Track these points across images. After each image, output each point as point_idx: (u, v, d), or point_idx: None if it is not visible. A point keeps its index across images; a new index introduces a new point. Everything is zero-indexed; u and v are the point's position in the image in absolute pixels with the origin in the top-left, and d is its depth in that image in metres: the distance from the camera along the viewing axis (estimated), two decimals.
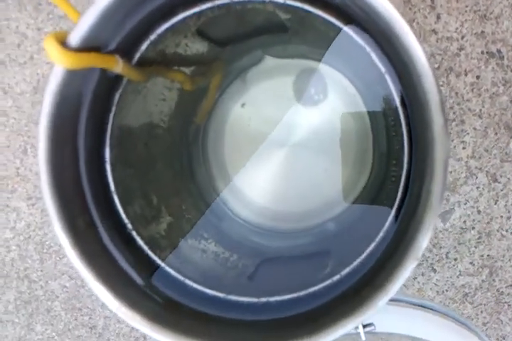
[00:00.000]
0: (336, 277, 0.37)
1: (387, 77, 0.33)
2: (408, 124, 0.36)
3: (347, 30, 0.33)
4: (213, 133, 0.54)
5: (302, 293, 0.37)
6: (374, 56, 0.34)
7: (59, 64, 0.29)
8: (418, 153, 0.34)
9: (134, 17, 0.32)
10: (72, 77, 0.30)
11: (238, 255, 0.47)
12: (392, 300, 0.43)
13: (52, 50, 0.29)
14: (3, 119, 0.68)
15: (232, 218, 0.55)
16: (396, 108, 0.36)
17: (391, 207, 0.37)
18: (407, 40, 0.28)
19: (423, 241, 0.29)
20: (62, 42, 0.29)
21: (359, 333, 0.34)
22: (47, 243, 0.71)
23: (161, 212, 0.44)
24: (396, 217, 0.36)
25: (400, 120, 0.36)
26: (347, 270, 0.37)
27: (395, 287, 0.30)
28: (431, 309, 0.44)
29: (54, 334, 0.75)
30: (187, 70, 0.45)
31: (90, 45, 0.30)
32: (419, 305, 0.43)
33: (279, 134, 0.54)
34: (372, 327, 0.34)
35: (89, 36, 0.30)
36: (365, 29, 0.33)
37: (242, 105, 0.54)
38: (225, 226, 0.53)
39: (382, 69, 0.33)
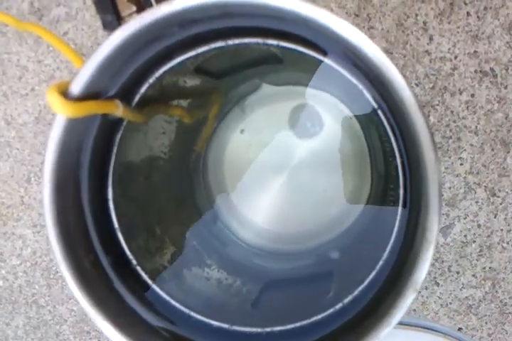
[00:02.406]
0: (339, 305, 0.38)
1: (380, 113, 0.34)
2: (401, 154, 0.37)
3: (342, 71, 0.34)
4: (213, 160, 0.55)
5: (305, 322, 0.38)
6: (366, 92, 0.35)
7: (61, 114, 0.30)
8: (412, 185, 0.35)
9: (132, 64, 0.33)
10: (74, 125, 0.31)
11: (241, 280, 0.48)
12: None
13: (54, 101, 0.30)
14: (7, 150, 0.69)
15: (235, 242, 0.56)
16: (389, 139, 0.37)
17: (390, 234, 0.38)
18: (396, 81, 0.29)
19: (421, 275, 0.30)
20: (64, 93, 0.31)
21: None
22: (53, 269, 0.72)
23: (164, 242, 0.45)
24: (395, 246, 0.37)
25: (393, 149, 0.37)
26: (349, 298, 0.38)
27: (395, 319, 0.31)
28: (432, 329, 0.45)
29: None
30: (185, 103, 0.46)
31: (91, 93, 0.31)
32: (420, 327, 0.44)
33: (278, 158, 0.55)
34: None
35: (89, 85, 0.31)
36: (356, 67, 0.34)
37: (241, 131, 0.55)
38: (228, 250, 0.54)
39: (375, 105, 0.34)
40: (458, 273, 0.67)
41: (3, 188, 0.70)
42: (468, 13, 0.61)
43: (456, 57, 0.61)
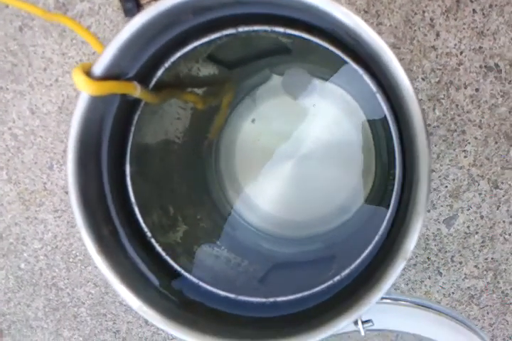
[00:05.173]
0: (337, 278, 0.40)
1: (378, 96, 0.37)
2: (401, 138, 0.39)
3: (342, 55, 0.37)
4: (225, 148, 0.58)
5: (306, 293, 0.40)
6: (366, 78, 0.37)
7: (85, 91, 0.33)
8: (408, 165, 0.37)
9: (149, 48, 0.37)
10: (96, 103, 0.34)
11: (249, 260, 0.51)
12: (392, 298, 0.47)
13: (79, 79, 0.33)
14: (31, 138, 0.73)
15: (244, 226, 0.58)
16: (388, 123, 0.39)
17: (386, 211, 0.40)
18: (393, 66, 0.31)
19: (410, 243, 0.32)
20: (87, 73, 0.34)
21: (359, 329, 0.38)
22: (73, 252, 0.76)
23: (177, 221, 0.48)
24: (390, 222, 0.39)
25: (391, 134, 0.39)
26: (347, 271, 0.40)
27: (386, 285, 0.33)
28: (429, 307, 0.47)
29: (81, 338, 0.79)
30: (199, 91, 0.49)
31: (112, 74, 0.34)
32: (416, 304, 0.46)
33: (287, 147, 0.57)
34: (370, 324, 0.37)
35: (110, 67, 0.34)
36: (357, 54, 0.37)
37: (252, 121, 0.58)
38: (237, 234, 0.56)
39: (374, 89, 0.37)
40: (461, 263, 0.69)
41: (26, 174, 0.74)
42: (474, 10, 0.63)
43: (461, 53, 0.64)
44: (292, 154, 0.57)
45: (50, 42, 0.70)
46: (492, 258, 0.68)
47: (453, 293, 0.69)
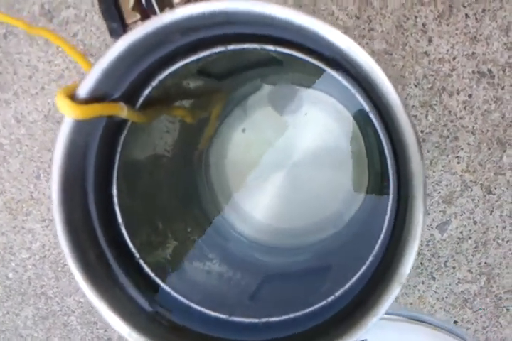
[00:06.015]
0: (331, 298, 0.40)
1: (371, 115, 0.36)
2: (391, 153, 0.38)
3: (333, 73, 0.36)
4: (215, 158, 0.57)
5: (299, 314, 0.40)
6: (358, 96, 0.36)
7: (69, 116, 0.32)
8: (401, 185, 0.36)
9: (136, 69, 0.35)
10: (81, 126, 0.33)
11: (241, 273, 0.50)
12: (387, 313, 0.46)
13: (62, 104, 0.32)
14: (17, 146, 0.71)
15: (236, 237, 0.58)
16: (381, 139, 0.38)
17: (380, 231, 0.40)
18: (384, 86, 0.30)
19: (406, 268, 0.32)
20: (72, 96, 0.33)
21: None
22: (61, 262, 0.75)
23: (166, 237, 0.47)
24: (384, 242, 0.38)
25: (384, 151, 0.39)
26: (340, 291, 0.39)
27: (382, 309, 0.33)
28: (427, 323, 0.46)
29: None
30: (187, 103, 0.48)
31: (97, 96, 0.33)
32: (416, 320, 0.46)
33: (279, 156, 0.57)
34: None
35: (95, 89, 0.33)
36: (349, 72, 0.36)
37: (243, 130, 0.57)
38: (229, 245, 0.56)
39: (367, 108, 0.36)
40: (454, 268, 0.68)
41: (13, 184, 0.73)
42: (466, 15, 0.62)
43: (454, 59, 0.63)
44: (284, 163, 0.57)
45: (36, 49, 0.68)
46: (485, 263, 0.68)
47: (446, 297, 0.69)
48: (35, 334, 0.79)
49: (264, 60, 0.47)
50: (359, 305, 0.36)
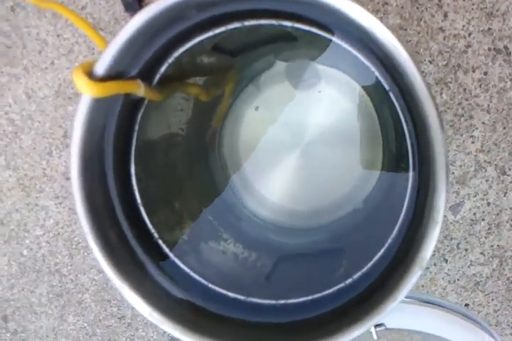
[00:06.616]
0: (349, 280, 0.39)
1: (391, 95, 0.35)
2: (411, 136, 0.38)
3: (353, 51, 0.35)
4: (229, 136, 0.56)
5: (317, 296, 0.40)
6: (378, 74, 0.36)
7: (87, 94, 0.32)
8: (422, 166, 0.36)
9: (152, 45, 0.35)
10: (98, 104, 0.33)
11: (256, 253, 0.50)
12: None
13: (80, 81, 0.31)
14: (29, 123, 0.71)
15: (249, 217, 0.57)
16: (400, 120, 0.38)
17: (399, 213, 0.39)
18: (408, 66, 0.30)
19: (427, 252, 0.31)
20: (89, 73, 0.32)
21: (371, 332, 0.37)
22: (75, 239, 0.75)
23: (183, 217, 0.47)
24: (404, 224, 0.38)
25: (403, 130, 0.38)
26: (359, 274, 0.39)
27: (401, 294, 0.32)
28: (440, 305, 0.46)
29: (85, 324, 0.79)
30: (201, 81, 0.47)
31: (114, 74, 0.33)
32: (428, 302, 0.46)
33: (292, 135, 0.56)
34: (383, 327, 0.37)
35: (112, 66, 0.32)
36: (369, 50, 0.35)
37: (256, 108, 0.56)
38: (243, 225, 0.56)
39: (387, 87, 0.35)
40: (466, 250, 0.68)
41: (25, 160, 0.72)
42: None
43: (470, 35, 0.61)
44: (297, 142, 0.56)
45: (44, 23, 0.67)
46: (498, 245, 0.67)
47: (458, 279, 0.69)
48: (49, 312, 0.79)
49: (279, 35, 0.46)
50: (377, 289, 0.36)
